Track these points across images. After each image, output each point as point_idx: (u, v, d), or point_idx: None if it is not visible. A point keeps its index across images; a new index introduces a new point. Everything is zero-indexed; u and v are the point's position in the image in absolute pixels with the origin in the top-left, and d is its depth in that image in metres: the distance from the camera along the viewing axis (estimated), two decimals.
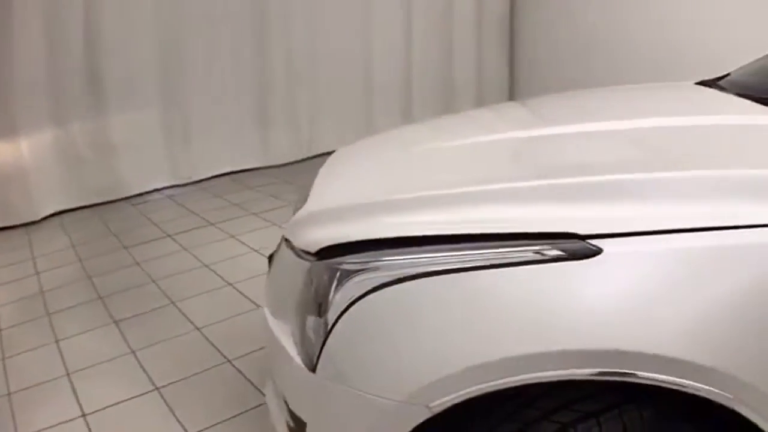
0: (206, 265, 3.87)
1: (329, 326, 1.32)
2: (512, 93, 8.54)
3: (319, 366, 1.36)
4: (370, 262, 1.32)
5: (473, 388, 1.16)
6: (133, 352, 2.90)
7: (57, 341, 3.03)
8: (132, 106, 5.29)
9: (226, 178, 5.92)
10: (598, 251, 1.14)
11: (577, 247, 1.16)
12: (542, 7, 7.90)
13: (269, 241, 4.24)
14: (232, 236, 4.39)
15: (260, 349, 2.85)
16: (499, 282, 1.18)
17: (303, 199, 1.83)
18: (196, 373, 2.71)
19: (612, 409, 1.18)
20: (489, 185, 1.44)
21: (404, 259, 1.28)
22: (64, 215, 5.01)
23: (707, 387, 1.09)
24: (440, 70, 7.59)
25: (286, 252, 1.67)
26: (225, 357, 2.82)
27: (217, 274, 3.73)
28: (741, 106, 1.90)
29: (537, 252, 1.18)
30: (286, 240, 1.68)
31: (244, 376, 2.67)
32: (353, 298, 1.29)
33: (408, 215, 1.41)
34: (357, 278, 1.30)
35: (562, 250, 1.17)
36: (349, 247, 1.39)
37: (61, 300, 3.48)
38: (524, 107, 2.59)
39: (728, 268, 1.11)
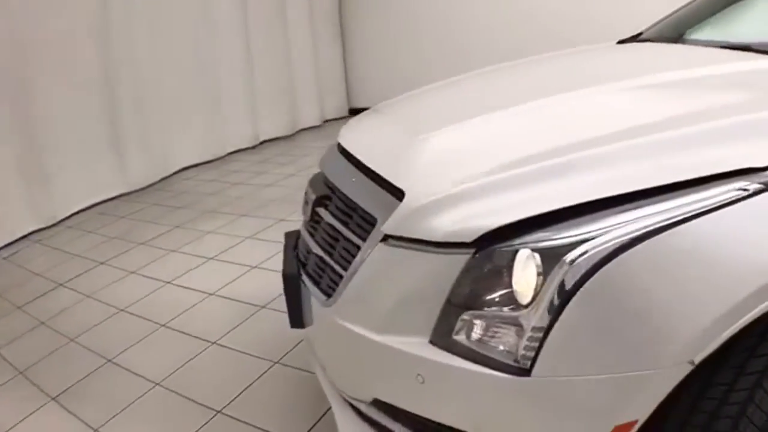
0: (122, 309, 3.40)
1: (551, 315, 1.20)
2: (348, 86, 8.74)
3: (538, 365, 1.21)
4: (576, 235, 1.21)
5: (735, 326, 1.16)
6: (96, 430, 2.42)
7: None
8: None
9: (91, 211, 5.37)
10: None
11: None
12: None
13: (176, 269, 3.86)
14: (132, 272, 3.92)
15: (247, 388, 2.52)
16: (724, 224, 1.19)
17: (365, 188, 1.66)
18: None
19: None
20: (633, 139, 1.37)
21: (617, 224, 1.20)
22: None
23: None
24: (280, 71, 7.63)
25: (394, 253, 1.44)
26: (212, 409, 2.44)
27: (141, 317, 3.29)
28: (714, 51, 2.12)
29: (741, 189, 1.20)
30: (390, 237, 1.45)
31: (252, 425, 2.32)
32: (579, 277, 1.18)
33: (563, 181, 1.32)
34: (575, 254, 1.19)
35: (761, 183, 1.21)
36: (514, 227, 1.27)
37: None
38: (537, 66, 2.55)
39: None
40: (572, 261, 1.18)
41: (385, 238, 1.46)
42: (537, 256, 1.22)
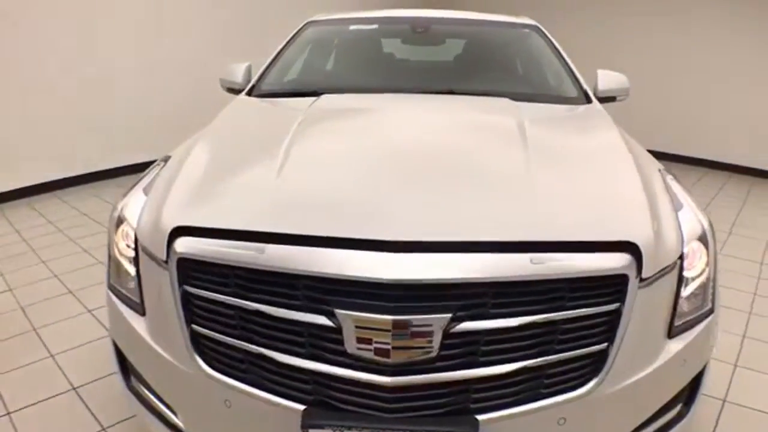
0: None
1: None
2: None
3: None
4: (697, 225, 2.05)
5: None
6: None
7: None
8: None
9: None
10: None
11: None
12: None
13: None
14: None
15: None
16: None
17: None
18: None
19: None
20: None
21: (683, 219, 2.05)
22: None
23: None
24: None
25: (653, 288, 1.73)
26: None
27: None
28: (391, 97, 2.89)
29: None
30: (646, 279, 1.69)
31: None
32: (713, 245, 2.05)
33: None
34: (708, 236, 2.04)
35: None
36: None
37: None
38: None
39: None
40: (704, 242, 1.96)
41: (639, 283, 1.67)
42: (700, 243, 1.95)
